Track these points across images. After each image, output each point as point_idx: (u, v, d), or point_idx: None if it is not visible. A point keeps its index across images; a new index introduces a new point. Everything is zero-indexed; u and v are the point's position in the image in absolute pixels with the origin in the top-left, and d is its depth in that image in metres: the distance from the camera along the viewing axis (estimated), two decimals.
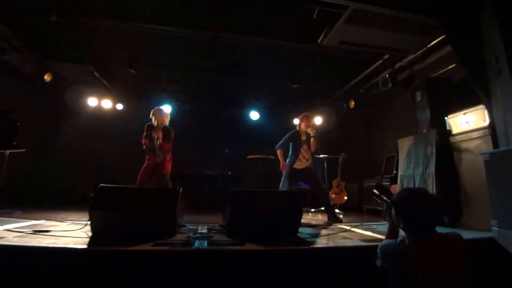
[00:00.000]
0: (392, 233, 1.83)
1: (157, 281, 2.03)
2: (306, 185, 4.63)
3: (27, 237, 2.39)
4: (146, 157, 4.26)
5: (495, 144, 3.20)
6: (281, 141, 4.73)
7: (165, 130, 4.30)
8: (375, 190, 1.98)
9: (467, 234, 2.77)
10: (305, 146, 4.61)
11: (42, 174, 6.27)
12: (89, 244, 2.27)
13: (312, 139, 4.61)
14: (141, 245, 2.18)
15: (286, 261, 2.26)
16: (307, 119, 4.69)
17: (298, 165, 4.57)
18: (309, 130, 4.63)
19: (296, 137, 4.66)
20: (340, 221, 4.19)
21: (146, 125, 4.31)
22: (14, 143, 3.56)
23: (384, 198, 1.92)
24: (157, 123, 4.26)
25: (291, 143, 4.67)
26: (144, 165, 4.21)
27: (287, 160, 4.64)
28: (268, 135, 7.14)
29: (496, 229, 2.82)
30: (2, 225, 2.81)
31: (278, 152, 4.74)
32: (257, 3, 3.79)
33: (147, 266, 2.06)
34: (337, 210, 5.17)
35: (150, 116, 4.32)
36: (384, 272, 1.55)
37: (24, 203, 5.00)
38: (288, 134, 4.74)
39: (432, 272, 1.38)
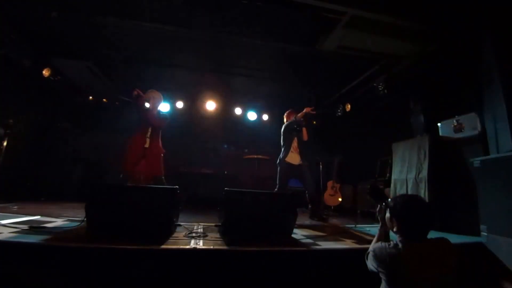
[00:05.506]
0: (383, 234, 1.86)
1: (152, 279, 2.06)
2: (297, 185, 4.65)
3: (23, 233, 2.37)
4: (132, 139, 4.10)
5: (486, 151, 3.29)
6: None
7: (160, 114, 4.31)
8: (369, 190, 2.03)
9: (456, 239, 2.85)
10: (296, 139, 4.69)
11: (37, 168, 6.23)
12: (86, 241, 2.28)
13: (303, 129, 4.71)
14: (137, 243, 2.20)
15: (280, 262, 2.30)
16: (291, 113, 4.85)
17: (292, 159, 4.61)
18: None
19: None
20: (323, 220, 4.34)
21: None
22: None
23: (378, 198, 1.95)
24: (149, 99, 4.28)
25: (282, 139, 4.81)
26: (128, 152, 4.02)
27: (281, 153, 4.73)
28: (265, 136, 7.21)
29: (485, 234, 2.90)
30: None
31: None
32: (256, 5, 3.83)
33: (142, 264, 2.09)
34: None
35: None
36: (375, 274, 1.60)
37: (19, 198, 4.97)
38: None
39: (423, 276, 1.44)
